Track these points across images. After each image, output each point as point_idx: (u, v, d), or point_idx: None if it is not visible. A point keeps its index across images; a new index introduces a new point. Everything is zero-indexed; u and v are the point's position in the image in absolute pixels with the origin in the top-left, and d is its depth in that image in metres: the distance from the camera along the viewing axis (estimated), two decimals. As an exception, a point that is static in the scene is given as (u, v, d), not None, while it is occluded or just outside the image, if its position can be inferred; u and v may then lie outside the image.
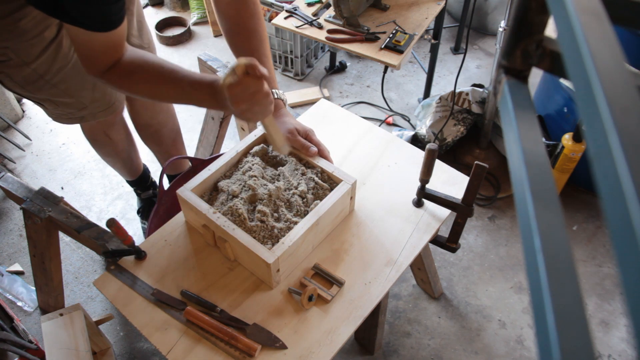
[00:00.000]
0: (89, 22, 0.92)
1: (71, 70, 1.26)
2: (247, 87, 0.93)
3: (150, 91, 1.06)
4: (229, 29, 1.21)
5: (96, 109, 1.40)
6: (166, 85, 1.03)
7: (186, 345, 1.01)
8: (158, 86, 1.04)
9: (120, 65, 1.01)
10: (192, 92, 1.02)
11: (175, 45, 2.94)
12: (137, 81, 1.03)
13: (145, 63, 1.03)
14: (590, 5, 0.30)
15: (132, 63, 1.02)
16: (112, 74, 1.02)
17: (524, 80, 0.43)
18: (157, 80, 1.03)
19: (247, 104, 0.95)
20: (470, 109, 2.07)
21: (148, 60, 1.03)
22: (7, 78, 1.21)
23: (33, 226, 1.42)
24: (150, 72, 1.02)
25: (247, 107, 0.96)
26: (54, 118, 1.42)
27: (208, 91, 1.00)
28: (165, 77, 1.02)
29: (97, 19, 0.92)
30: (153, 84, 1.03)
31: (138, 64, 1.02)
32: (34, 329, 1.75)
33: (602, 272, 1.85)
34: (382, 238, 1.17)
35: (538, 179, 0.33)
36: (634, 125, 0.24)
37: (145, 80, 1.03)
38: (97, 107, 1.40)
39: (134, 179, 1.92)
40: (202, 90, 1.01)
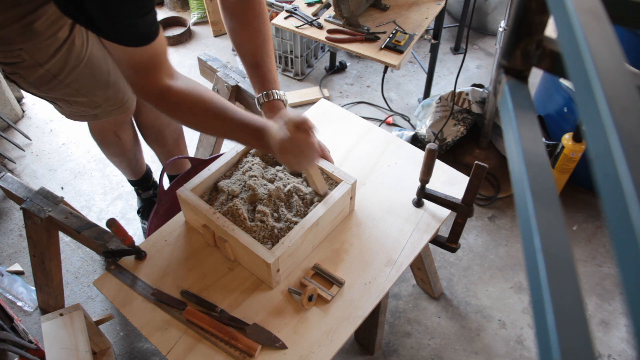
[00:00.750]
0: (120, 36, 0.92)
1: (84, 69, 1.26)
2: (297, 142, 0.98)
3: (199, 124, 1.08)
4: (233, 28, 1.22)
5: (109, 107, 1.41)
6: (216, 122, 1.06)
7: (186, 345, 1.01)
8: (208, 121, 1.06)
9: (172, 93, 1.02)
10: (240, 134, 1.06)
11: (175, 45, 2.94)
12: (187, 112, 1.05)
13: (198, 96, 1.04)
14: (590, 5, 0.30)
15: (184, 93, 1.03)
16: (163, 101, 1.03)
17: (524, 80, 0.43)
18: (208, 115, 1.05)
19: (294, 157, 1.01)
20: (470, 109, 2.07)
21: (200, 93, 1.05)
22: (21, 79, 1.22)
23: (33, 226, 1.42)
24: (202, 106, 1.04)
25: (294, 160, 1.02)
26: (67, 116, 1.43)
27: (256, 135, 1.04)
28: (216, 113, 1.04)
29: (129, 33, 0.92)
30: (203, 118, 1.05)
31: (190, 95, 1.04)
32: (34, 329, 1.75)
33: (602, 272, 1.85)
34: (382, 238, 1.17)
35: (538, 179, 0.33)
36: (634, 125, 0.24)
37: (196, 114, 1.05)
38: (110, 106, 1.41)
39: (137, 179, 1.93)
40: (250, 134, 1.04)
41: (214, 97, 1.05)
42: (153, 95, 1.02)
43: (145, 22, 0.93)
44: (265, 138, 1.02)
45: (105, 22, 0.89)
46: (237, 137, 1.08)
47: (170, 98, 1.03)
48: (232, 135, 1.08)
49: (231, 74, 1.63)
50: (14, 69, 1.18)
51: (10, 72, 1.20)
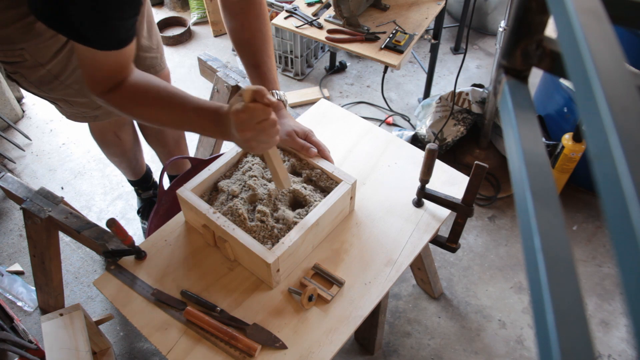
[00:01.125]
0: (98, 39, 0.90)
1: None
2: (254, 114, 0.91)
3: (152, 115, 1.03)
4: (234, 28, 1.22)
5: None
6: (170, 111, 1.01)
7: (186, 345, 1.01)
8: (162, 111, 1.01)
9: (124, 87, 0.99)
10: (196, 119, 1.00)
11: (175, 45, 2.94)
12: (139, 104, 1.01)
13: (150, 86, 1.00)
14: (590, 5, 0.30)
15: (137, 86, 0.99)
16: (115, 95, 0.99)
17: (524, 80, 0.43)
18: (160, 104, 1.00)
19: (252, 132, 0.93)
20: (470, 109, 2.07)
21: (153, 83, 1.01)
22: (22, 78, 1.22)
23: (33, 226, 1.42)
24: (154, 96, 1.00)
25: (252, 136, 0.93)
26: (68, 116, 1.42)
27: (212, 118, 0.98)
28: (170, 101, 1.00)
29: (108, 36, 0.90)
30: (156, 108, 1.01)
31: (142, 87, 1.00)
32: (34, 329, 1.75)
33: (602, 272, 1.85)
34: (382, 238, 1.17)
35: (538, 179, 0.33)
36: (634, 125, 0.24)
37: (149, 104, 1.01)
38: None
39: (137, 179, 1.93)
40: (206, 117, 0.99)
41: (168, 86, 1.01)
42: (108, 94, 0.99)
43: (130, 24, 0.92)
44: (221, 119, 0.96)
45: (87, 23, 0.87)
46: (196, 125, 1.02)
47: (123, 92, 0.99)
48: (190, 123, 1.02)
49: (231, 74, 1.63)
50: (16, 68, 1.18)
51: (11, 72, 1.20)
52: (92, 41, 0.90)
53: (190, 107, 0.99)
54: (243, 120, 0.91)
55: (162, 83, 1.02)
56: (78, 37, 0.90)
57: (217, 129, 0.99)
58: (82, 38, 0.90)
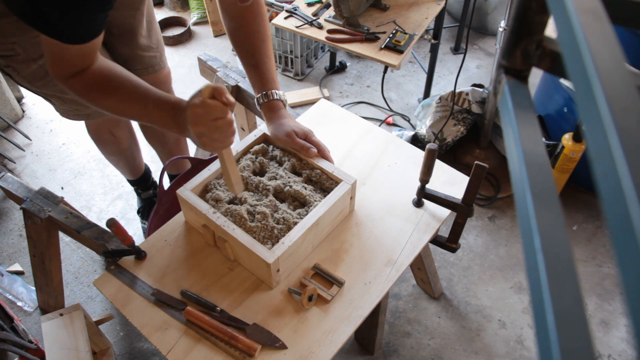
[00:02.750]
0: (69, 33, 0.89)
1: None
2: (210, 110, 0.90)
3: (113, 105, 1.02)
4: (232, 28, 1.22)
5: None
6: (131, 101, 1.00)
7: (186, 345, 1.01)
8: (123, 101, 1.00)
9: (86, 74, 0.98)
10: (155, 112, 0.99)
11: (175, 45, 2.94)
12: (100, 92, 1.00)
13: (112, 75, 0.99)
14: (590, 5, 0.30)
15: (99, 73, 0.98)
16: (76, 82, 0.98)
17: (524, 80, 0.43)
18: (122, 94, 0.99)
19: (206, 127, 0.92)
20: (470, 109, 2.07)
21: (115, 73, 1.00)
22: (15, 72, 1.22)
23: (33, 226, 1.42)
24: (116, 85, 0.99)
25: (206, 131, 0.92)
26: (61, 114, 1.42)
27: (170, 112, 0.97)
28: (131, 92, 0.99)
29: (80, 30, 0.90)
30: (117, 97, 1.00)
31: (104, 75, 0.99)
32: (34, 329, 1.75)
33: (602, 272, 1.85)
34: (382, 238, 1.17)
35: (538, 179, 0.33)
36: (634, 125, 0.24)
37: (109, 94, 1.00)
38: None
39: (135, 178, 1.93)
40: (165, 110, 0.98)
41: (130, 77, 1.00)
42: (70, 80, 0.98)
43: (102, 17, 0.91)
44: (181, 114, 0.95)
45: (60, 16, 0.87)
46: (154, 117, 1.00)
47: (85, 79, 0.98)
48: (148, 116, 1.01)
49: (231, 74, 1.63)
50: (8, 62, 1.18)
51: (4, 65, 1.20)
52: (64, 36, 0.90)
53: (150, 99, 0.99)
54: (198, 115, 0.91)
55: (125, 73, 1.01)
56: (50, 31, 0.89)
57: (175, 123, 0.98)
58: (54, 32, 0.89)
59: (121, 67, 1.03)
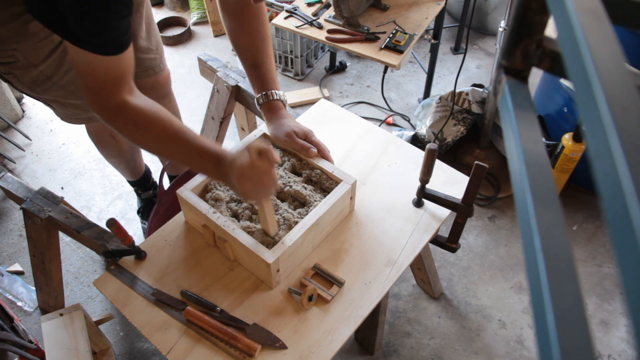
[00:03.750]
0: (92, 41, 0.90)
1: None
2: (257, 170, 0.94)
3: (155, 147, 1.04)
4: (232, 28, 1.22)
5: None
6: (173, 146, 1.01)
7: (186, 345, 1.01)
8: (165, 145, 1.02)
9: (129, 111, 0.98)
10: (198, 160, 1.01)
11: (175, 45, 2.94)
12: (143, 134, 1.00)
13: (156, 116, 0.99)
14: (590, 5, 0.30)
15: (142, 113, 0.98)
16: (119, 118, 0.99)
17: (524, 80, 0.43)
18: (165, 138, 1.00)
19: (252, 184, 0.95)
20: (470, 109, 2.07)
21: (159, 113, 1.00)
22: (15, 79, 1.20)
23: (33, 226, 1.42)
24: (160, 127, 0.99)
25: (251, 188, 0.96)
26: (62, 118, 1.41)
27: (215, 162, 1.00)
28: (175, 137, 1.00)
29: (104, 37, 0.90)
30: (160, 141, 1.01)
31: (148, 116, 0.99)
32: (34, 329, 1.75)
33: (602, 272, 1.85)
34: (382, 238, 1.17)
35: (538, 179, 0.33)
36: (634, 125, 0.24)
37: (153, 136, 1.00)
38: None
39: (136, 179, 1.92)
40: (209, 160, 1.00)
41: (172, 119, 1.01)
42: (109, 111, 0.98)
43: (121, 28, 0.91)
44: (223, 165, 0.98)
45: (80, 25, 0.87)
46: (194, 162, 1.03)
47: (126, 115, 0.98)
48: (191, 162, 1.04)
49: (231, 74, 1.63)
50: (9, 69, 1.17)
51: (4, 72, 1.19)
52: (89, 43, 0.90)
53: (195, 147, 1.00)
54: (245, 175, 0.94)
55: (169, 116, 1.01)
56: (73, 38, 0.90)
57: (217, 173, 1.01)
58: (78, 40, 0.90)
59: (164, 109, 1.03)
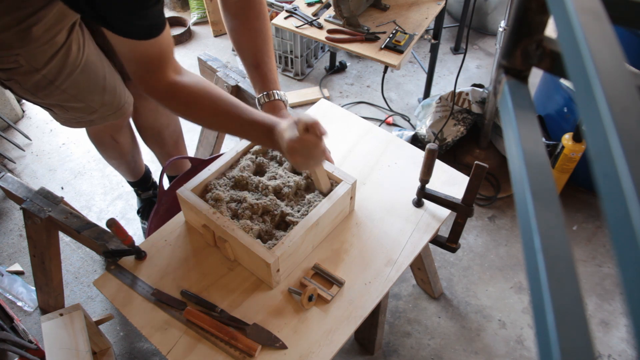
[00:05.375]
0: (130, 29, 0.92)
1: (80, 74, 1.25)
2: (306, 144, 0.97)
3: (207, 121, 1.08)
4: (234, 28, 1.21)
5: (106, 112, 1.39)
6: (226, 119, 1.05)
7: (186, 345, 1.01)
8: (217, 118, 1.06)
9: (179, 89, 1.02)
10: (250, 131, 1.05)
11: (175, 45, 2.94)
12: (195, 109, 1.05)
13: (206, 93, 1.04)
14: (590, 5, 0.30)
15: (192, 89, 1.03)
16: (170, 98, 1.02)
17: (524, 80, 0.43)
18: (217, 112, 1.04)
19: (303, 158, 1.00)
20: (470, 109, 2.07)
21: (208, 89, 1.04)
22: (17, 85, 1.19)
23: (33, 226, 1.42)
24: (210, 103, 1.04)
25: (302, 161, 1.01)
26: (62, 122, 1.40)
27: (266, 134, 1.03)
28: (227, 110, 1.04)
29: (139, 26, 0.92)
30: (212, 114, 1.05)
31: (198, 91, 1.03)
32: (34, 329, 1.74)
33: (602, 272, 1.85)
34: (382, 238, 1.17)
35: (538, 179, 0.33)
36: (634, 125, 0.24)
37: (205, 110, 1.04)
38: (106, 111, 1.39)
39: (136, 180, 1.92)
40: (260, 131, 1.04)
41: (222, 94, 1.05)
42: (160, 92, 1.02)
43: (155, 13, 0.93)
44: (275, 136, 1.02)
45: (115, 14, 0.88)
46: (247, 134, 1.08)
47: (177, 95, 1.02)
48: (241, 132, 1.08)
49: (231, 74, 1.63)
50: (11, 74, 1.16)
51: (5, 79, 1.17)
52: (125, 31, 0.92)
53: (247, 119, 1.04)
54: (295, 149, 0.98)
55: (218, 91, 1.05)
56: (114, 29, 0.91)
57: (269, 143, 1.05)
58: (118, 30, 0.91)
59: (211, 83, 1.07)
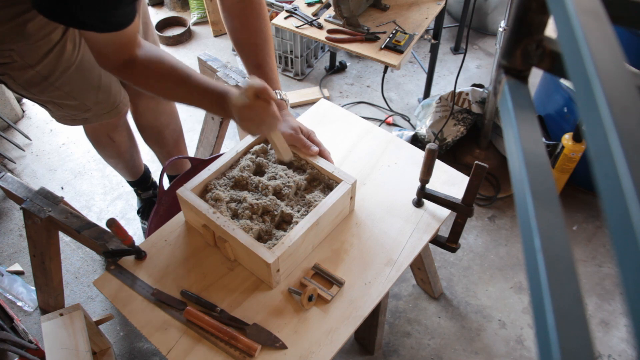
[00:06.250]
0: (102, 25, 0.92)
1: (75, 72, 1.25)
2: (257, 110, 0.98)
3: (163, 91, 1.09)
4: (233, 28, 1.21)
5: (100, 110, 1.40)
6: (179, 88, 1.06)
7: (186, 345, 1.01)
8: (172, 88, 1.07)
9: (136, 63, 1.03)
10: (203, 100, 1.06)
11: (175, 45, 2.94)
12: (152, 80, 1.06)
13: (161, 63, 1.05)
14: (590, 5, 0.30)
15: (149, 61, 1.04)
16: (127, 71, 1.03)
17: (524, 80, 0.43)
18: (171, 81, 1.06)
19: (254, 123, 1.01)
20: (470, 109, 2.07)
21: (164, 60, 1.05)
22: (11, 80, 1.20)
23: (33, 226, 1.42)
24: (165, 73, 1.05)
25: (253, 127, 1.02)
26: (58, 119, 1.41)
27: (217, 102, 1.04)
28: (180, 79, 1.05)
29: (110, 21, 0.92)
30: (167, 84, 1.06)
31: (154, 63, 1.04)
32: (34, 329, 1.75)
33: (602, 272, 1.85)
34: (382, 238, 1.17)
35: (538, 179, 0.33)
36: (634, 125, 0.24)
37: (160, 80, 1.06)
38: (101, 109, 1.40)
39: (135, 179, 1.92)
40: (212, 100, 1.05)
41: (177, 63, 1.06)
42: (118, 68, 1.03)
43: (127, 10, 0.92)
44: (227, 105, 1.02)
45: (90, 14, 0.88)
46: (199, 102, 1.08)
47: (135, 68, 1.03)
48: (194, 101, 1.08)
49: (231, 74, 1.63)
50: (4, 69, 1.17)
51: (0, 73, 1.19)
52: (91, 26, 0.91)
53: (199, 88, 1.05)
54: (246, 115, 0.99)
55: (173, 60, 1.06)
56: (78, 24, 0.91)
57: (222, 111, 1.06)
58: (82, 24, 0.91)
59: (167, 53, 1.08)
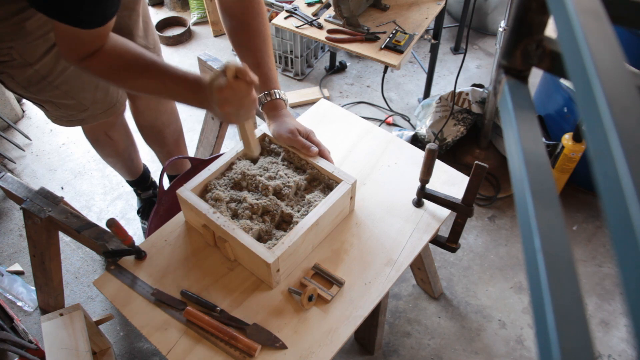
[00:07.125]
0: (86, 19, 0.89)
1: (73, 71, 1.25)
2: (237, 91, 0.93)
3: (130, 83, 1.03)
4: (232, 28, 1.21)
5: (97, 110, 1.40)
6: (148, 79, 1.01)
7: (186, 345, 1.01)
8: (139, 78, 1.01)
9: (101, 54, 0.97)
10: (175, 88, 1.00)
11: (175, 45, 2.94)
12: (117, 71, 1.00)
13: (127, 53, 0.99)
14: (590, 5, 0.30)
15: (113, 52, 0.98)
16: (92, 62, 0.98)
17: (524, 80, 0.43)
18: (138, 71, 1.00)
19: (233, 107, 0.95)
20: (470, 109, 2.07)
21: (130, 50, 1.00)
22: (9, 78, 1.20)
23: (33, 226, 1.42)
24: (131, 63, 0.99)
25: (233, 111, 0.96)
26: (54, 120, 1.40)
27: (191, 88, 0.99)
28: (147, 69, 1.00)
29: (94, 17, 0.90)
30: (133, 75, 1.01)
31: (119, 53, 0.99)
32: (34, 329, 1.75)
33: (602, 272, 1.85)
34: (382, 238, 1.17)
35: (538, 179, 0.33)
36: (634, 125, 0.24)
37: (126, 70, 1.00)
38: (98, 109, 1.39)
39: (134, 179, 1.92)
40: (185, 87, 0.99)
41: (144, 53, 1.01)
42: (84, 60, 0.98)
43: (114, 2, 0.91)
44: (202, 90, 0.96)
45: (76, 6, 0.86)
46: (174, 93, 1.02)
47: (100, 60, 0.98)
48: (168, 92, 1.03)
49: (231, 74, 1.63)
50: (3, 67, 1.16)
51: None
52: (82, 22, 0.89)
53: (169, 76, 0.99)
54: (226, 97, 0.93)
55: (139, 50, 1.01)
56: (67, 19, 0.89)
57: (196, 100, 1.01)
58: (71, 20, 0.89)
59: (134, 44, 1.02)
